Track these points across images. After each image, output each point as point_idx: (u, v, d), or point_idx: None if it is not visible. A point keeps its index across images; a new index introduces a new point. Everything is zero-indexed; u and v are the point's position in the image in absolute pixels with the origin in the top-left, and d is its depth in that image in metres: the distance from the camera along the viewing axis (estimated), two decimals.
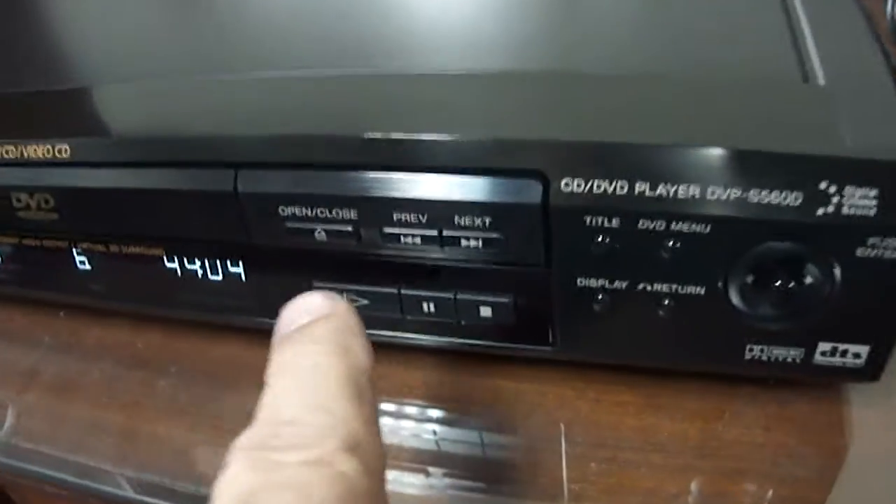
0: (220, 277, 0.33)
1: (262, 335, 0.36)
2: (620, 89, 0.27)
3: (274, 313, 0.32)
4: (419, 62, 0.33)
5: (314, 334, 0.21)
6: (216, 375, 0.35)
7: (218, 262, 0.32)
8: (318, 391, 0.19)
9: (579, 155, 0.25)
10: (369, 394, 0.20)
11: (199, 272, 0.33)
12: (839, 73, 0.27)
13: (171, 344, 0.37)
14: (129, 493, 0.32)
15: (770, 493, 0.28)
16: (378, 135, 0.26)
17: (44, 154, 0.32)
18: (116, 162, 0.31)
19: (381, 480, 0.19)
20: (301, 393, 0.19)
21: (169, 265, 0.33)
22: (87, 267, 0.36)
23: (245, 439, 0.18)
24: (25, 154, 0.32)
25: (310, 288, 0.31)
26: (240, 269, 0.32)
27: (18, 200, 0.34)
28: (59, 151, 0.32)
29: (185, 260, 0.33)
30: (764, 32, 0.31)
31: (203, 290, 0.33)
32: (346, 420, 0.18)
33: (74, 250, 0.35)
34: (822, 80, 0.27)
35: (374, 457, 0.18)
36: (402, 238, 0.27)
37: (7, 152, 0.32)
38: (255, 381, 0.33)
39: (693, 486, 0.28)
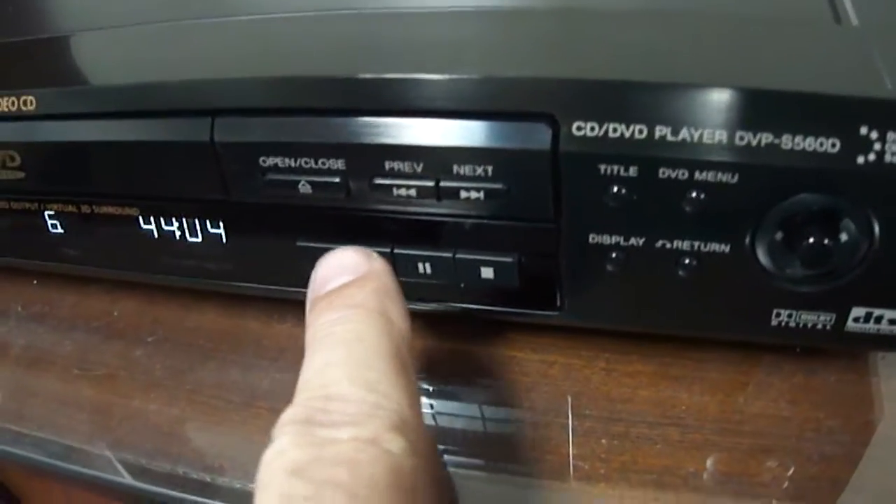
0: (199, 239, 0.31)
1: (243, 301, 0.34)
2: (637, 26, 0.25)
3: (255, 277, 0.30)
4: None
5: (353, 298, 0.21)
6: (194, 345, 0.33)
7: (196, 222, 0.30)
8: (363, 365, 0.19)
9: (593, 95, 0.23)
10: (411, 365, 0.21)
11: (177, 234, 0.31)
12: (872, 14, 0.26)
13: (149, 312, 0.36)
14: (104, 474, 0.30)
15: (797, 471, 0.26)
16: (368, 75, 0.24)
17: (8, 107, 0.30)
18: (85, 113, 0.29)
19: (427, 458, 0.19)
20: (346, 367, 0.19)
21: (145, 226, 0.32)
22: (60, 231, 0.34)
23: (292, 413, 0.19)
24: None
25: (294, 249, 0.29)
26: (220, 230, 0.30)
27: None
28: (25, 103, 0.30)
29: (162, 220, 0.31)
30: None
31: (181, 252, 0.32)
32: (392, 397, 0.19)
33: (45, 213, 0.34)
34: (854, 21, 0.25)
35: (420, 434, 0.19)
36: (394, 190, 0.25)
37: None
38: (233, 351, 0.32)
39: (713, 465, 0.26)
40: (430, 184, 0.24)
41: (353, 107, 0.24)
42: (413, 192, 0.25)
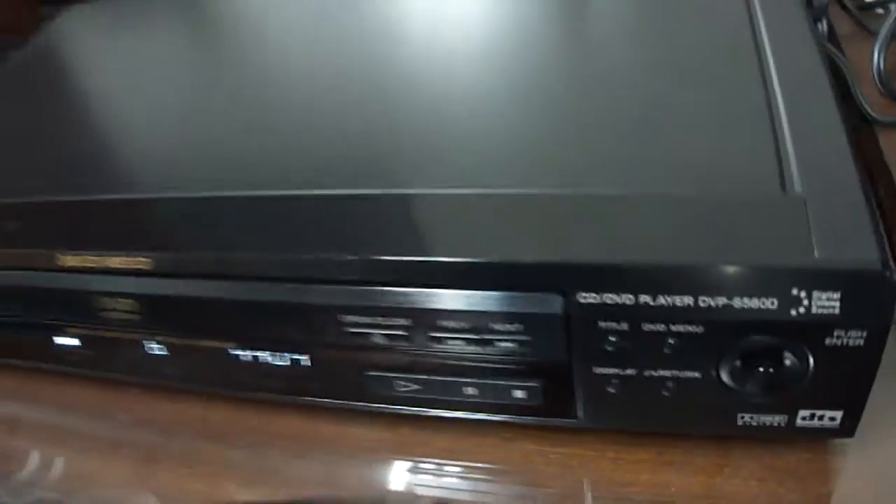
0: (287, 363, 0.39)
1: (323, 411, 0.42)
2: (622, 209, 0.33)
3: (334, 394, 0.39)
4: (434, 180, 0.38)
5: None
6: (283, 447, 0.42)
7: (286, 353, 0.39)
8: None
9: (593, 274, 0.31)
10: None
11: (269, 360, 0.39)
12: (815, 182, 0.33)
13: (239, 418, 0.44)
14: None
15: None
16: (425, 258, 0.33)
17: (125, 265, 0.38)
18: (194, 274, 0.38)
19: None
20: None
21: (241, 354, 0.40)
22: (162, 353, 0.42)
23: None
24: (107, 265, 0.38)
25: (363, 377, 0.37)
26: (307, 359, 0.39)
27: (101, 303, 0.40)
28: (140, 263, 0.38)
29: (256, 351, 0.39)
30: (749, 140, 0.36)
31: (270, 374, 0.40)
32: None
33: (148, 343, 0.42)
34: (798, 188, 0.33)
35: None
36: (446, 341, 0.34)
37: (89, 262, 0.39)
38: (317, 451, 0.40)
39: None
40: (475, 336, 0.33)
41: (414, 281, 0.33)
42: (461, 343, 0.33)
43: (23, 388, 0.49)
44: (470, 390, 0.36)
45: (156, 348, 0.42)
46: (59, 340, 0.45)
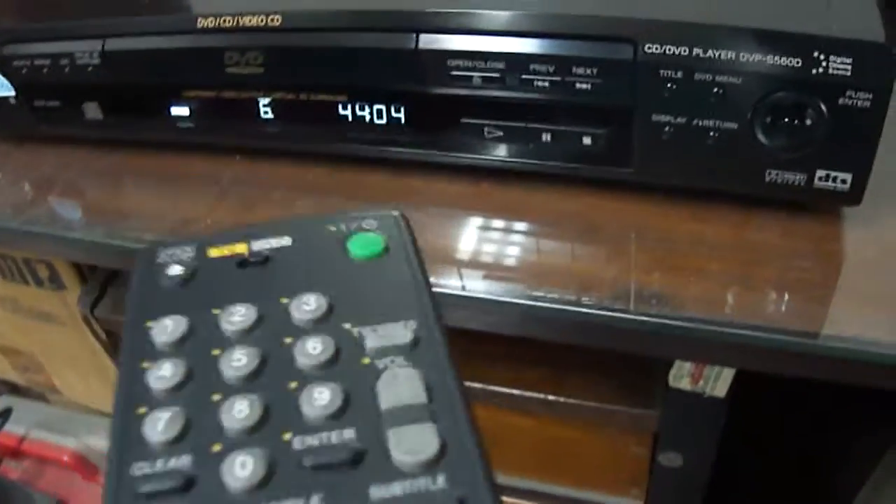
0: (386, 120, 0.52)
1: (413, 167, 0.55)
2: None
3: (429, 144, 0.51)
4: None
5: None
6: (374, 198, 0.53)
7: (390, 104, 0.50)
8: None
9: (658, 28, 0.42)
10: None
11: (367, 117, 0.52)
12: None
13: (334, 174, 0.54)
14: None
15: (781, 275, 0.45)
16: (520, 11, 0.45)
17: (258, 23, 0.49)
18: (322, 28, 0.49)
19: None
20: None
21: (342, 112, 0.51)
22: (270, 116, 0.53)
23: None
24: (241, 23, 0.49)
25: (458, 125, 0.50)
26: (406, 111, 0.50)
27: (230, 58, 0.51)
28: (272, 20, 0.49)
29: (362, 103, 0.51)
30: None
31: (371, 129, 0.51)
32: None
33: (261, 101, 0.53)
34: None
35: None
36: (535, 82, 0.46)
37: (224, 21, 0.50)
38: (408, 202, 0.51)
39: (728, 267, 0.45)
40: (558, 78, 0.45)
41: (512, 29, 0.45)
42: (547, 83, 0.46)
43: (129, 161, 0.61)
44: (546, 136, 0.48)
45: (267, 109, 0.53)
46: (176, 111, 0.56)
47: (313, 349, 0.25)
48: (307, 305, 0.27)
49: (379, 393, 0.24)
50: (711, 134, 0.44)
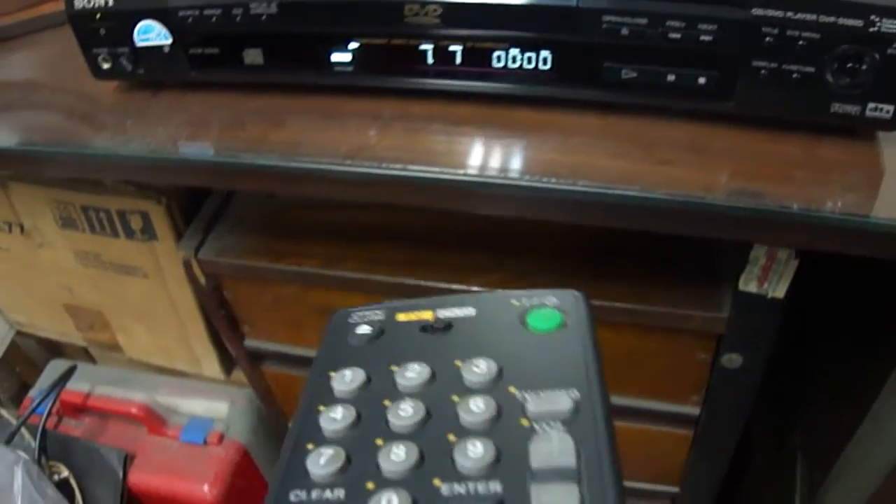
0: (535, 65, 0.71)
1: (557, 105, 0.72)
2: None
3: (573, 84, 0.70)
4: None
5: None
6: (520, 134, 0.72)
7: (541, 52, 0.69)
8: None
9: None
10: None
11: (521, 63, 0.70)
12: None
13: (483, 111, 0.67)
14: None
15: (842, 178, 0.63)
16: None
17: None
18: None
19: None
20: None
21: (498, 55, 0.71)
22: (431, 61, 0.65)
23: None
24: None
25: (602, 68, 0.69)
26: (548, 58, 0.69)
27: (411, 10, 0.61)
28: None
29: (512, 55, 0.71)
30: None
31: (518, 73, 0.71)
32: None
33: (427, 48, 0.64)
34: None
35: None
36: (668, 34, 0.65)
37: None
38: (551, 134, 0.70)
39: (804, 175, 0.64)
40: (688, 32, 0.65)
41: None
42: (679, 35, 0.65)
43: (283, 102, 0.69)
44: (671, 77, 0.67)
45: (431, 56, 0.65)
46: (337, 57, 0.66)
47: (476, 407, 0.27)
48: (477, 368, 0.28)
49: (530, 452, 0.25)
50: (794, 76, 0.63)
